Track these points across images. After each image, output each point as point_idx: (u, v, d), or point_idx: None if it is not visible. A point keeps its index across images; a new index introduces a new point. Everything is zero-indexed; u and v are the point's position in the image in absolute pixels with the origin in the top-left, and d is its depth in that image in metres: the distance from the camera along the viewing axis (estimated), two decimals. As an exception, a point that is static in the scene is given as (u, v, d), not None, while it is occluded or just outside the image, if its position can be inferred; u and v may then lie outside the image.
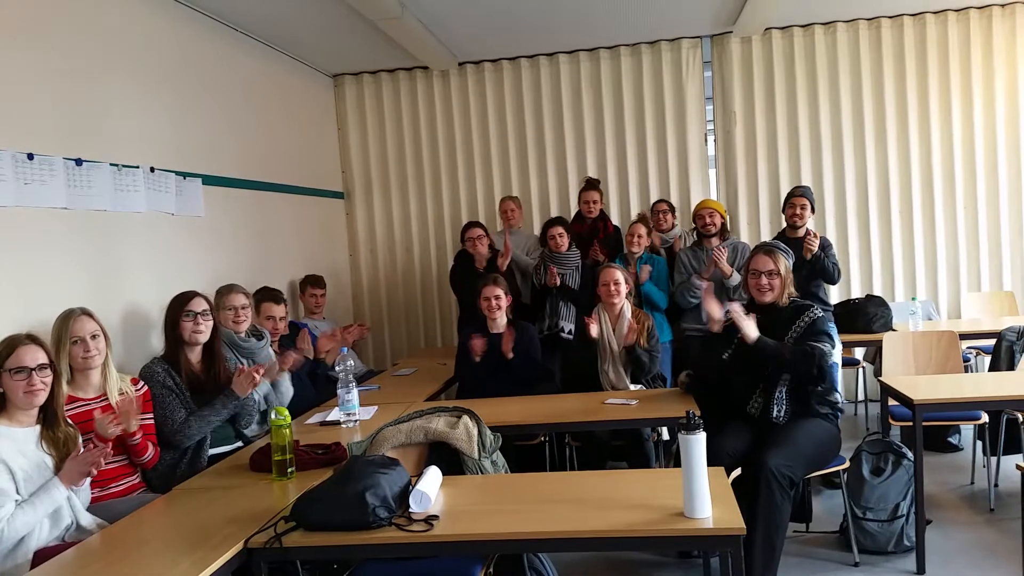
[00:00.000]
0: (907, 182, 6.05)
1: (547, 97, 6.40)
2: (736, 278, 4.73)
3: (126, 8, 4.01)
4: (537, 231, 5.76)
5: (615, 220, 6.02)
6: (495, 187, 6.51)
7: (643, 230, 5.10)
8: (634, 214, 5.96)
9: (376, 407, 3.78)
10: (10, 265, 3.16)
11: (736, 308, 3.36)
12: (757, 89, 6.15)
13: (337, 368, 3.58)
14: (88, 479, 2.67)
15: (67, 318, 2.99)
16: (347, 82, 6.61)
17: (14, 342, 2.55)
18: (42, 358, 2.56)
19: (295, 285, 5.39)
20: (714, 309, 3.49)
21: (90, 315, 3.03)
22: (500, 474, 2.95)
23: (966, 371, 4.61)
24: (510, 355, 4.21)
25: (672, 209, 5.66)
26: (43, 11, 3.43)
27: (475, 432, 2.93)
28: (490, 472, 2.89)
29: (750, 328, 3.30)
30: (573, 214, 5.86)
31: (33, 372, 2.52)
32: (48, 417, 2.61)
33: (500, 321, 4.39)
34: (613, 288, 4.20)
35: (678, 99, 6.24)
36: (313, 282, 5.34)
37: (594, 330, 4.10)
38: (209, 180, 4.59)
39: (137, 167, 3.94)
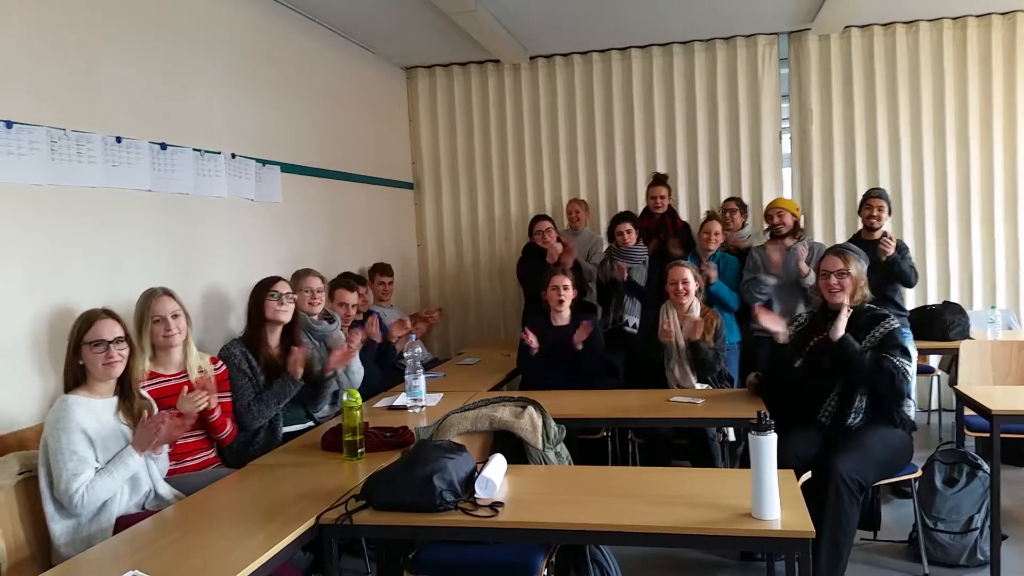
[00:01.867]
0: (989, 186, 5.85)
1: (618, 92, 6.37)
2: (812, 277, 4.64)
3: (212, -2, 4.14)
4: (604, 226, 5.74)
5: (684, 217, 5.96)
6: (562, 182, 6.52)
7: (718, 227, 5.04)
8: (703, 212, 5.90)
9: (441, 394, 3.84)
10: (98, 243, 3.29)
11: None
12: (835, 88, 6.01)
13: (405, 355, 3.64)
14: (166, 448, 2.77)
15: (149, 297, 3.10)
16: (419, 74, 6.69)
17: (92, 316, 2.65)
18: (119, 332, 2.65)
19: (364, 272, 5.49)
20: (771, 323, 3.50)
21: (171, 295, 3.13)
22: (564, 465, 2.96)
23: (1048, 383, 4.43)
24: (579, 345, 4.20)
25: (742, 208, 5.55)
26: (133, 1, 3.56)
27: (540, 423, 2.95)
28: (554, 463, 2.90)
29: (839, 327, 3.25)
30: (641, 210, 5.82)
31: (111, 345, 2.61)
32: (124, 389, 2.71)
33: (564, 313, 4.38)
34: (682, 287, 4.16)
35: (753, 96, 6.14)
36: (382, 270, 5.42)
37: (668, 330, 4.07)
38: (287, 168, 4.71)
39: (219, 153, 4.06)
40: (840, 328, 3.26)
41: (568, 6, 5.23)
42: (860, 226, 5.06)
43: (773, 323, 3.53)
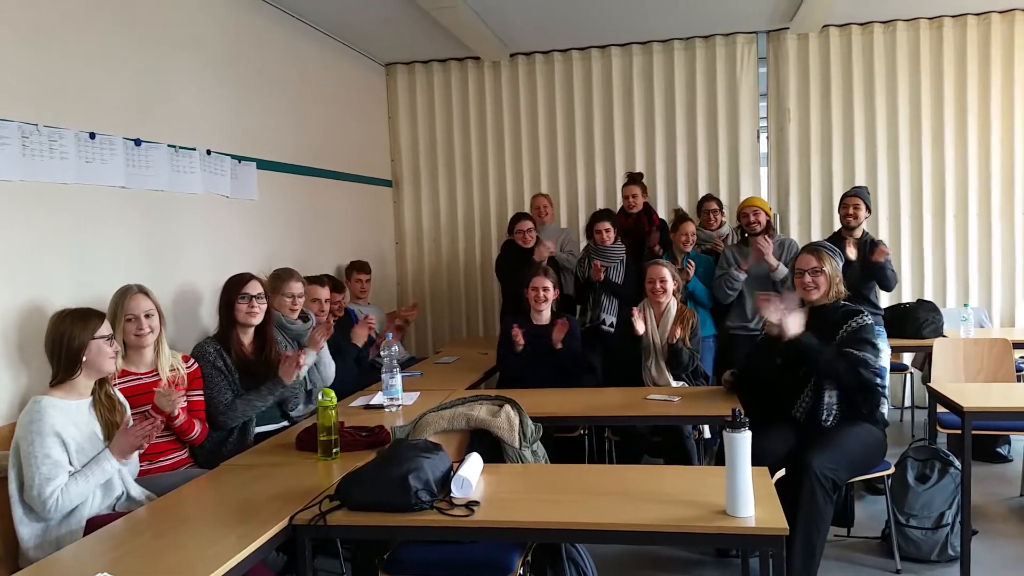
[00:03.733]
0: (963, 185, 5.92)
1: (598, 90, 6.37)
2: (782, 271, 4.67)
3: (188, -7, 4.09)
4: (583, 224, 5.75)
5: (662, 215, 5.97)
6: (542, 179, 6.51)
7: (692, 227, 5.07)
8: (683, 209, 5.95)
9: (418, 393, 3.82)
10: (70, 240, 3.24)
11: (789, 302, 3.34)
12: (813, 87, 6.05)
13: (382, 354, 3.62)
14: (137, 452, 2.74)
15: (124, 295, 3.06)
16: (399, 71, 6.66)
17: (102, 315, 2.71)
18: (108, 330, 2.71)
19: (342, 270, 5.46)
20: (775, 314, 3.37)
21: (146, 293, 3.09)
22: (540, 464, 2.97)
23: (1019, 381, 4.49)
24: (559, 345, 4.21)
25: (721, 208, 5.57)
26: (108, -5, 3.52)
27: (516, 421, 2.95)
28: (530, 461, 2.91)
29: (794, 323, 3.26)
30: (619, 208, 5.83)
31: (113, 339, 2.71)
32: (98, 388, 2.70)
33: (545, 313, 4.39)
34: (659, 286, 4.18)
35: (731, 95, 6.17)
36: (359, 268, 5.38)
37: (640, 327, 4.09)
38: (263, 164, 4.67)
39: (194, 149, 4.02)
40: (792, 326, 3.25)
41: (549, 4, 5.23)
42: (837, 225, 5.09)
43: (776, 313, 3.37)
